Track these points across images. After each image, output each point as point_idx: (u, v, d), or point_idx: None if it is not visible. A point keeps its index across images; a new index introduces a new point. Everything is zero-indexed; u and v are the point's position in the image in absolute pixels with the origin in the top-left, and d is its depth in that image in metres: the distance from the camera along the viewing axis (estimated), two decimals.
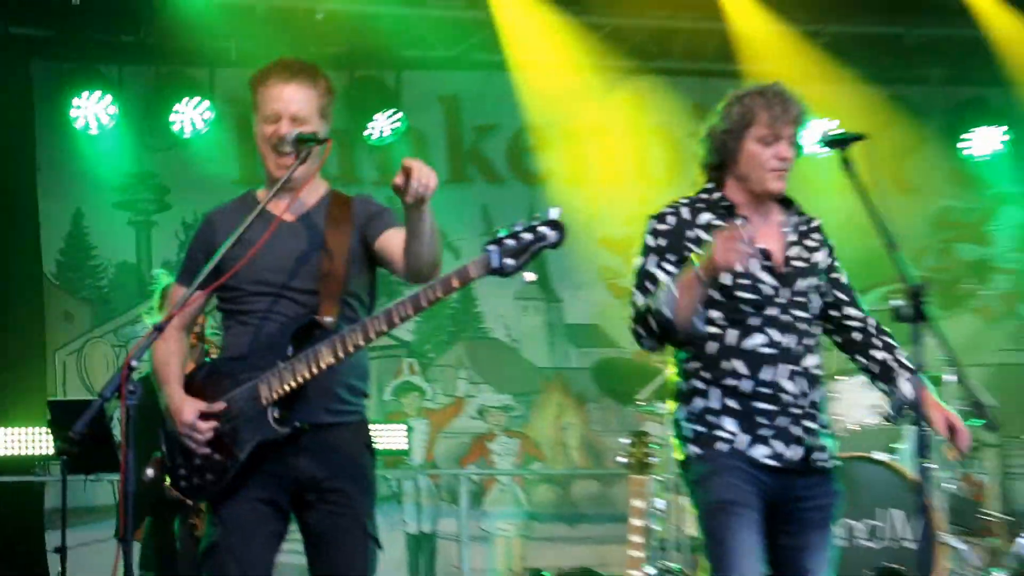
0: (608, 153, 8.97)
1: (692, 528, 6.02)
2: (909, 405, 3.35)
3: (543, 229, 3.08)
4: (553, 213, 3.11)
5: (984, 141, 8.67)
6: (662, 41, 8.60)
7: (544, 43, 8.23)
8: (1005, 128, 8.80)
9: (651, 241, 3.41)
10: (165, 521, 5.81)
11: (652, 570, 6.02)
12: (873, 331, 3.38)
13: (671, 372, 3.59)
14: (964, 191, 9.46)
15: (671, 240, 3.40)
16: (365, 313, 3.54)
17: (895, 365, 3.35)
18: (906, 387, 3.32)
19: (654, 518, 6.28)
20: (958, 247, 9.30)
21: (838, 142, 3.35)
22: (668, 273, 3.38)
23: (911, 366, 3.30)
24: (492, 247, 3.10)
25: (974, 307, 9.00)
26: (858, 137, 3.29)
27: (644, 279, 3.40)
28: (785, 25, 7.82)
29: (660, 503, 6.44)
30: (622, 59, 8.46)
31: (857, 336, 3.42)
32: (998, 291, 9.10)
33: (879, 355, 3.38)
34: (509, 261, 3.11)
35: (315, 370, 3.41)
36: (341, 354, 3.38)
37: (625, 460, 5.04)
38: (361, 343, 3.36)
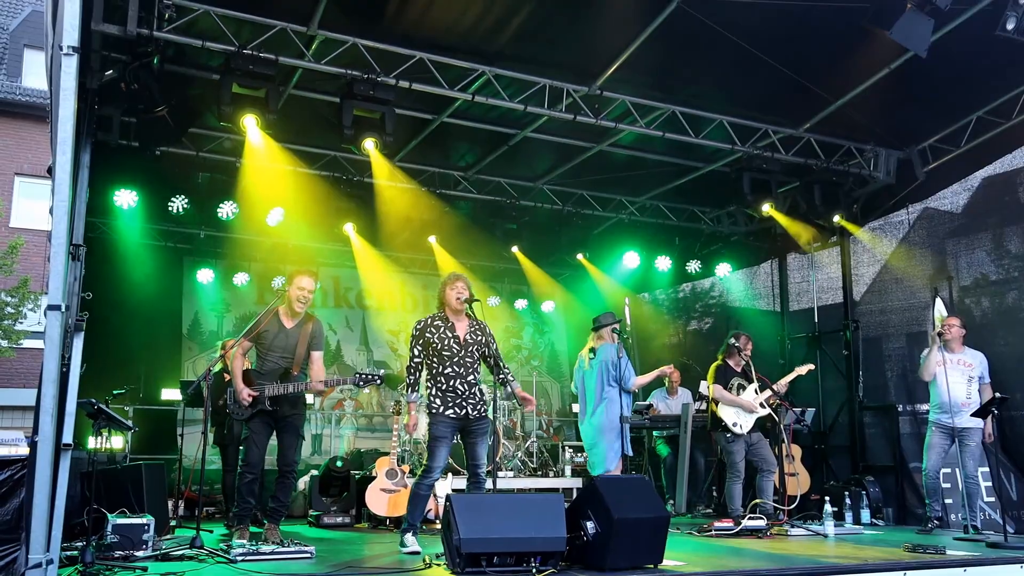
0: (391, 300, 14.09)
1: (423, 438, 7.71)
2: (512, 392, 5.74)
3: (377, 377, 5.95)
4: (381, 372, 5.88)
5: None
6: (414, 262, 13.54)
7: (372, 273, 12.95)
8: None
9: (415, 332, 5.66)
10: (226, 427, 8.18)
11: (398, 449, 8.42)
12: (501, 368, 5.75)
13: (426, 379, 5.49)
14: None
15: (423, 331, 5.66)
16: (306, 376, 5.99)
17: (508, 378, 5.70)
18: (513, 386, 5.75)
19: (402, 431, 8.25)
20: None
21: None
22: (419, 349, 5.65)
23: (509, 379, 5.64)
24: (358, 376, 5.82)
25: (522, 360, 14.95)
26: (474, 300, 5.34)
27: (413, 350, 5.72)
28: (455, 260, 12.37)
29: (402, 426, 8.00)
30: (401, 268, 13.53)
31: (496, 370, 5.77)
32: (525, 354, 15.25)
33: (501, 376, 5.73)
34: (361, 383, 6.02)
35: (284, 392, 5.99)
36: (295, 390, 6.05)
37: (392, 409, 8.46)
38: (303, 389, 6.05)
